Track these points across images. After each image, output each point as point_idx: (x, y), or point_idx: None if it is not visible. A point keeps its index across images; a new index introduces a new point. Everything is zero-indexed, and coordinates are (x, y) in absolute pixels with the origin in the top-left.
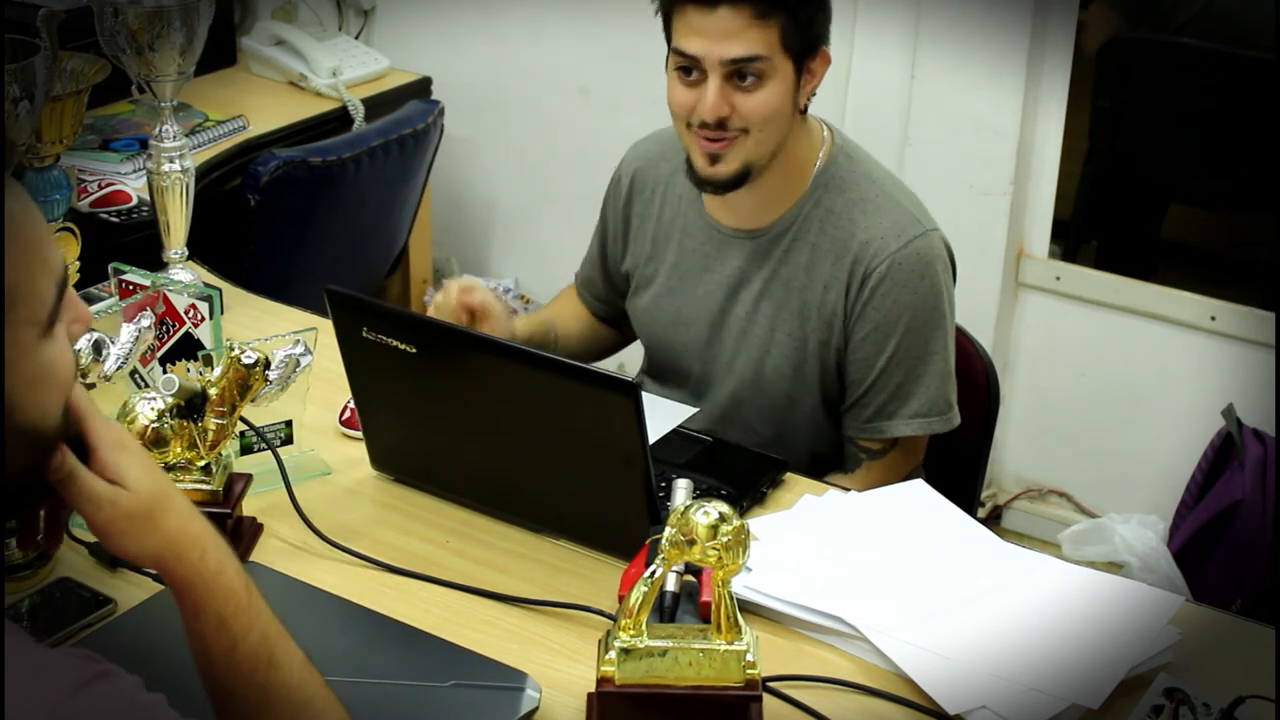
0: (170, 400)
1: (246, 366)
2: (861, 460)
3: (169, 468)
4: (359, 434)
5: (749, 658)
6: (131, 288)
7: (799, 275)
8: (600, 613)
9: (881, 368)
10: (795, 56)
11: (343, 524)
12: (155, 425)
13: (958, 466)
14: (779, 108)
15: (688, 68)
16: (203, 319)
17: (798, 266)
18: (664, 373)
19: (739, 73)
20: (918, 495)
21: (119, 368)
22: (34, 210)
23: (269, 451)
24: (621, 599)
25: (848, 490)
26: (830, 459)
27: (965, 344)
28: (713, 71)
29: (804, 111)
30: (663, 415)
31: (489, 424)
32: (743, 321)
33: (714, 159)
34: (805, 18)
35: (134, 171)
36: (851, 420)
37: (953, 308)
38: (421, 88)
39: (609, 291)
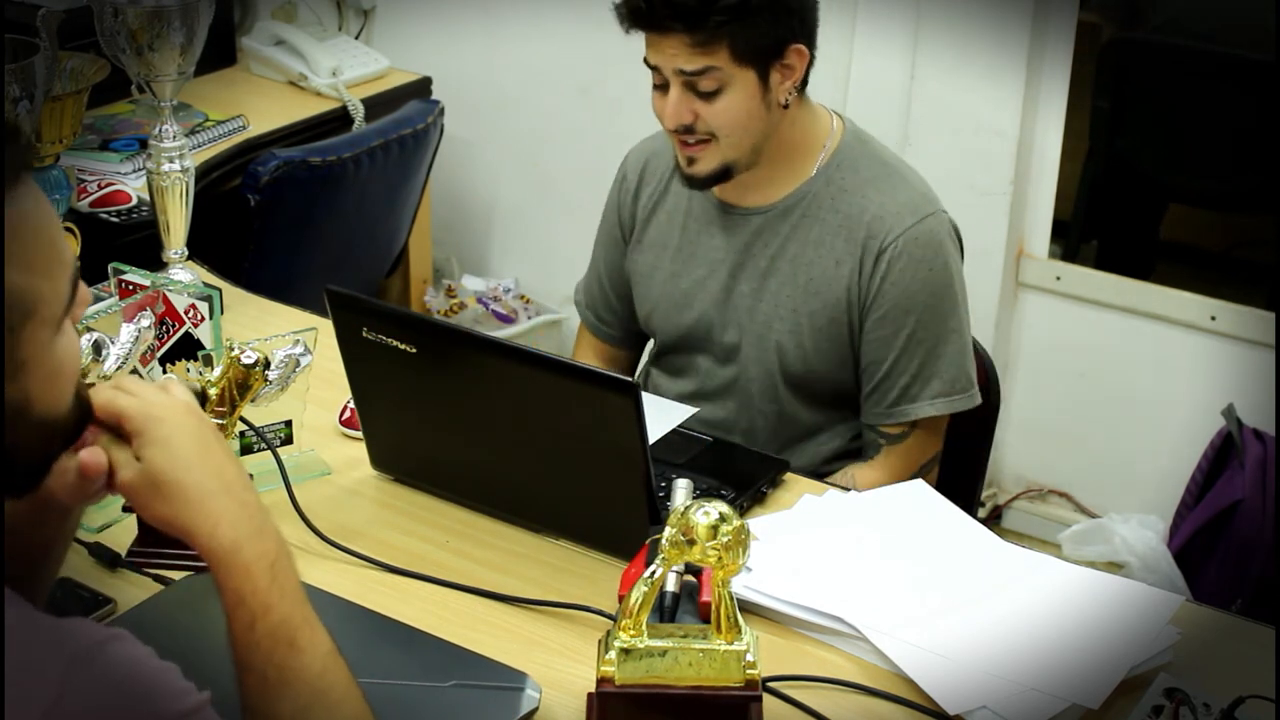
0: None
1: (246, 366)
2: (881, 446)
3: None
4: (359, 434)
5: (749, 658)
6: (131, 288)
7: (807, 250)
8: (600, 613)
9: (901, 347)
10: (755, 63)
11: (343, 524)
12: None
13: (958, 466)
14: (743, 112)
15: (658, 81)
16: (203, 319)
17: (806, 242)
18: (673, 358)
19: (696, 85)
20: (918, 495)
21: (119, 368)
22: (48, 207)
23: (269, 451)
24: (621, 599)
25: (848, 490)
26: (830, 441)
27: None
28: (673, 81)
29: (786, 105)
30: (663, 415)
31: (489, 424)
32: (748, 299)
33: (691, 160)
34: (755, 31)
35: (134, 171)
36: (873, 406)
37: (964, 286)
38: (421, 88)
39: (620, 302)
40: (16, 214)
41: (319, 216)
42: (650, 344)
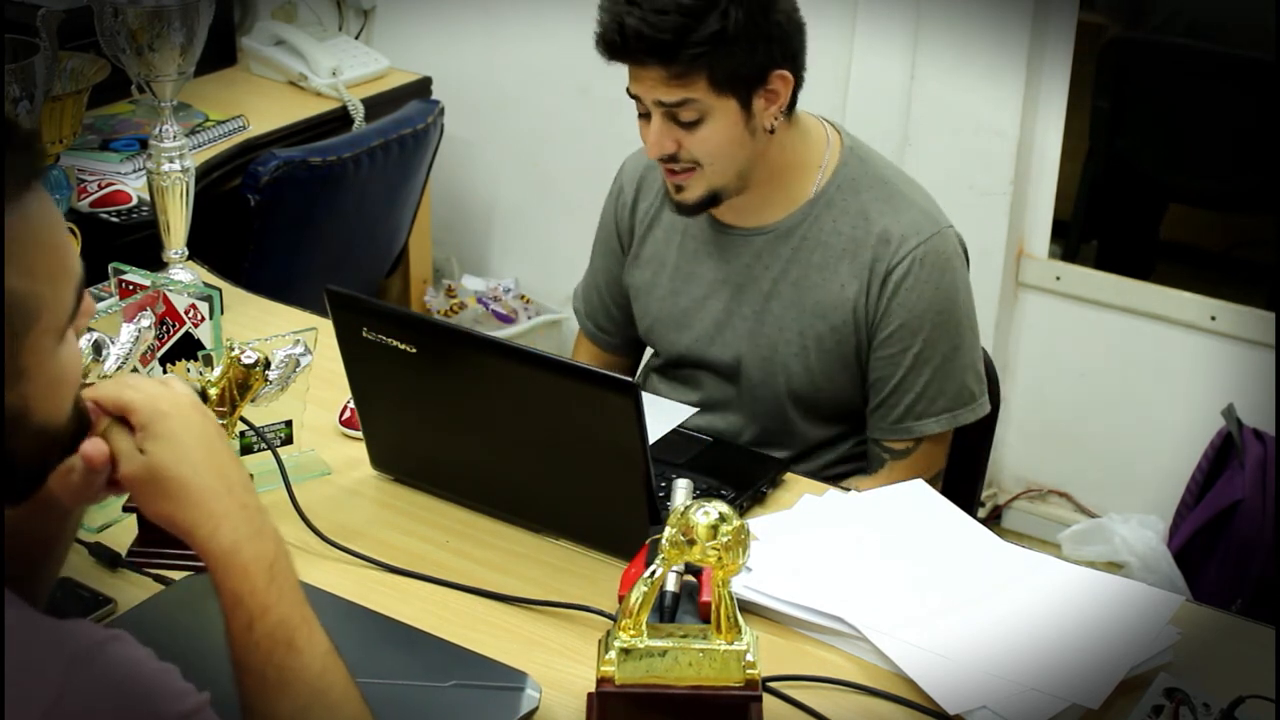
0: None
1: (246, 366)
2: (885, 461)
3: None
4: (359, 434)
5: (749, 658)
6: (131, 288)
7: (811, 274)
8: (600, 613)
9: (909, 365)
10: (736, 92)
11: (343, 524)
12: None
13: (958, 466)
14: (725, 141)
15: (640, 110)
16: (203, 319)
17: (809, 266)
18: (675, 371)
19: (675, 114)
20: (918, 495)
21: (119, 368)
22: (56, 215)
23: (269, 451)
24: (621, 599)
25: (848, 490)
26: (833, 449)
27: None
28: (654, 111)
29: (772, 130)
30: (663, 415)
31: (489, 424)
32: (750, 321)
33: (679, 188)
34: (734, 62)
35: (134, 171)
36: (878, 421)
37: (971, 301)
38: (421, 88)
39: (619, 311)
40: (24, 219)
41: (319, 216)
42: (652, 351)
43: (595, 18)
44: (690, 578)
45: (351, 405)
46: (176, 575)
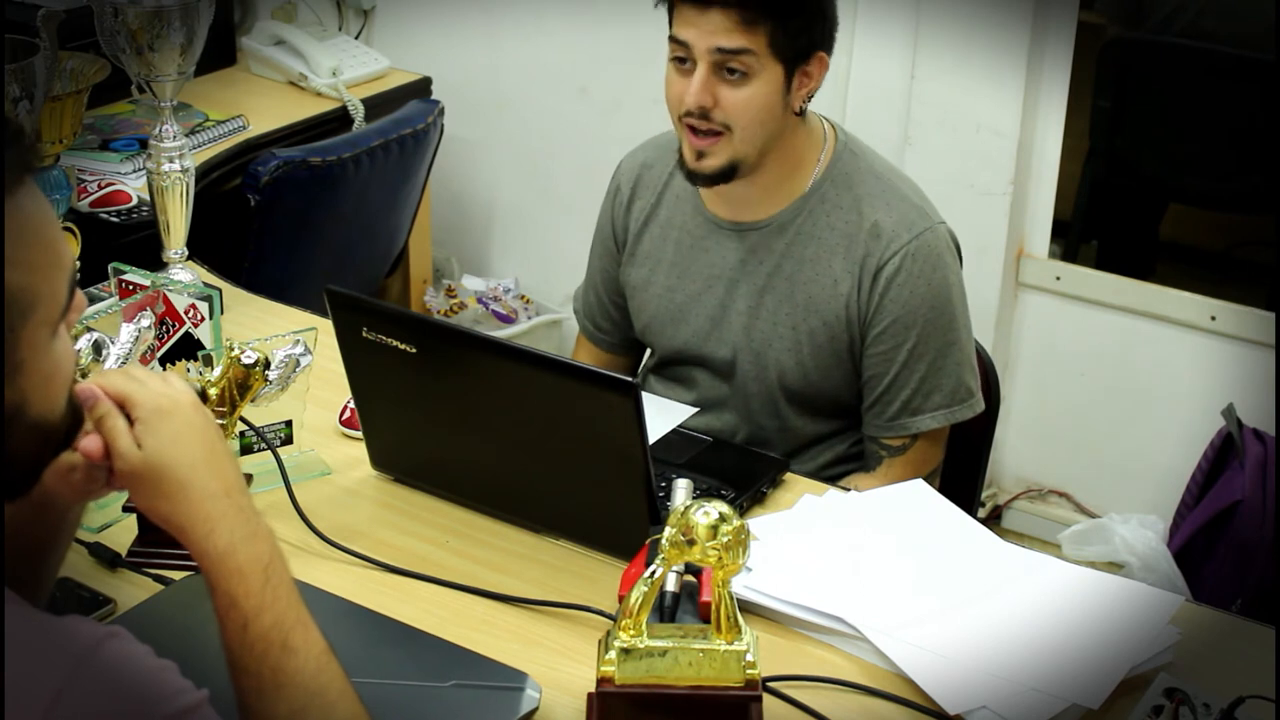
0: None
1: (246, 366)
2: (882, 458)
3: None
4: (359, 434)
5: (749, 658)
6: (131, 288)
7: (804, 269)
8: (600, 613)
9: (903, 362)
10: (785, 60)
11: (343, 524)
12: None
13: (958, 466)
14: (763, 107)
15: (682, 57)
16: (203, 319)
17: (802, 260)
18: (671, 370)
19: (726, 65)
20: (917, 495)
21: (118, 368)
22: (49, 209)
23: (269, 451)
24: (621, 599)
25: (848, 490)
26: (830, 448)
27: None
28: (701, 60)
29: (801, 114)
30: (663, 415)
31: (489, 424)
32: (744, 316)
33: (700, 154)
34: (795, 27)
35: (134, 171)
36: (874, 418)
37: (964, 297)
38: (421, 88)
39: (617, 310)
40: (18, 214)
41: (319, 216)
42: (649, 350)
43: None
44: (690, 578)
45: (351, 405)
46: (176, 575)
